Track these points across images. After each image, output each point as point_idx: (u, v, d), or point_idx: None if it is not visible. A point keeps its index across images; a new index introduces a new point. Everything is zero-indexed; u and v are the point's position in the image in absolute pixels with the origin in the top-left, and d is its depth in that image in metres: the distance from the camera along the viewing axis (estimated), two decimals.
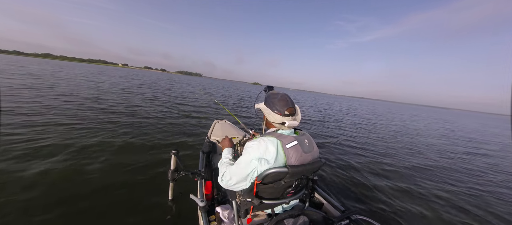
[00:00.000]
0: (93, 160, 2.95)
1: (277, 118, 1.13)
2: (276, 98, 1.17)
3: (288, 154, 1.02)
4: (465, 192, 3.54)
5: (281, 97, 1.17)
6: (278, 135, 1.08)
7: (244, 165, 1.04)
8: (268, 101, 1.20)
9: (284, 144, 1.03)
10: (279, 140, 1.04)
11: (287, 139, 1.06)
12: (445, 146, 7.73)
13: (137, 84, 16.43)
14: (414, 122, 16.55)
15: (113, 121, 4.95)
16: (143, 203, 2.20)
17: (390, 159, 5.03)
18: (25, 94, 6.75)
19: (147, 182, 2.60)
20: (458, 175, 4.41)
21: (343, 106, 26.06)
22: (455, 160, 5.71)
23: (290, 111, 1.13)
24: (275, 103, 1.15)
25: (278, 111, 1.13)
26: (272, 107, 1.16)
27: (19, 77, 11.32)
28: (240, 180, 1.06)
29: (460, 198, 3.29)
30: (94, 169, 2.73)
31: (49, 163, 2.71)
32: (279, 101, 1.15)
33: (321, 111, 15.69)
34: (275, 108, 1.14)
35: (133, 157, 3.18)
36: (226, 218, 1.32)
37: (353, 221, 1.26)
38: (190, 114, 7.37)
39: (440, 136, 10.31)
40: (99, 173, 2.66)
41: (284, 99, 1.16)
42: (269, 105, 1.18)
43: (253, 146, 1.06)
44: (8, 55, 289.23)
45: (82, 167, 2.72)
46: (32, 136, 3.46)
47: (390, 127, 11.28)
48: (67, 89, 9.00)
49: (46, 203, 2.03)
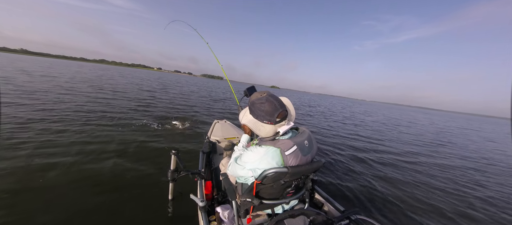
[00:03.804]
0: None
1: (269, 129, 1.02)
2: (261, 105, 1.01)
3: (287, 159, 0.98)
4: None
5: (267, 102, 1.01)
6: (276, 141, 1.00)
7: (239, 170, 1.09)
8: (254, 111, 1.05)
9: (283, 151, 0.97)
10: (277, 148, 0.97)
11: (286, 145, 0.98)
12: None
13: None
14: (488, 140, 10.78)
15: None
16: (143, 203, 2.20)
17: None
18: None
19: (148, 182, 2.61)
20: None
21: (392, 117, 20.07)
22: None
23: (282, 116, 1.00)
24: (263, 111, 1.00)
25: (268, 121, 1.00)
26: (260, 117, 1.02)
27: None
28: (238, 176, 1.14)
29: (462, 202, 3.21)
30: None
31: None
32: (266, 107, 0.99)
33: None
34: (264, 119, 1.00)
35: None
36: (226, 218, 1.32)
37: (353, 221, 1.26)
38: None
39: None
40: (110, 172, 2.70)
41: (270, 104, 0.99)
42: (256, 115, 1.04)
43: (248, 157, 1.03)
44: (75, 61, 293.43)
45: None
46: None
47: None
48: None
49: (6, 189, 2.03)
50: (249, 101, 1.12)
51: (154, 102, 8.74)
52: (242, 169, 1.06)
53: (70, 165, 2.73)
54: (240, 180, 1.17)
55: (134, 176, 2.69)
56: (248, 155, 1.03)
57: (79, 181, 2.42)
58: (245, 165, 1.04)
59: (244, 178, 1.13)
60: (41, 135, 3.57)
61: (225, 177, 1.43)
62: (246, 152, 1.06)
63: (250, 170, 1.03)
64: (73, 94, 7.75)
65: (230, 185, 1.32)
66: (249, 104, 1.12)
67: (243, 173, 1.07)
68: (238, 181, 1.20)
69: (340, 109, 21.64)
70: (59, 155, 2.95)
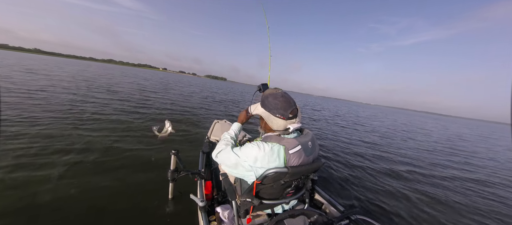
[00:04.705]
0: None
1: (281, 123, 1.02)
2: (277, 100, 1.03)
3: (290, 158, 0.98)
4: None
5: (283, 97, 1.04)
6: (281, 139, 1.00)
7: (235, 163, 1.04)
8: (267, 104, 1.05)
9: (287, 149, 0.97)
10: (282, 145, 0.97)
11: (291, 143, 0.98)
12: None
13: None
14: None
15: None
16: (143, 203, 2.20)
17: None
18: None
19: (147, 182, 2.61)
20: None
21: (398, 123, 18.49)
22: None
23: (294, 113, 1.02)
24: (277, 105, 1.01)
25: (281, 115, 1.00)
26: (273, 111, 1.02)
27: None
28: (228, 167, 1.10)
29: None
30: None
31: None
32: (281, 103, 1.01)
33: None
34: (278, 112, 1.01)
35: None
36: (226, 218, 1.32)
37: (353, 221, 1.26)
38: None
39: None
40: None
41: (286, 100, 1.02)
42: (269, 108, 1.04)
43: (252, 151, 0.98)
44: (85, 60, 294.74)
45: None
46: None
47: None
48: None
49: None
50: (263, 95, 1.14)
51: (154, 102, 8.74)
52: (242, 161, 1.01)
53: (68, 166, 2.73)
54: (232, 171, 1.10)
55: (134, 176, 2.69)
56: (252, 148, 0.99)
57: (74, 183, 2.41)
58: (246, 159, 1.00)
59: (236, 170, 1.07)
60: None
61: (225, 177, 1.43)
62: (250, 145, 1.02)
63: (249, 166, 0.99)
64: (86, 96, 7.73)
65: (230, 185, 1.32)
66: (262, 98, 1.12)
67: (234, 160, 1.04)
68: (229, 171, 1.14)
69: (354, 116, 19.38)
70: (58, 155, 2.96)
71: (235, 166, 1.05)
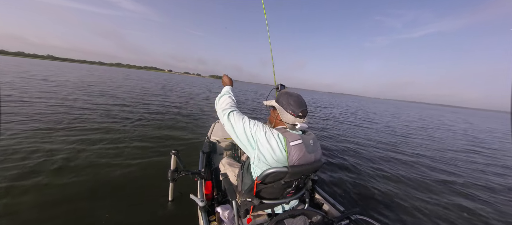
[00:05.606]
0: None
1: (290, 118, 1.11)
2: (291, 98, 1.14)
3: (291, 151, 1.01)
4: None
5: (296, 97, 1.15)
6: (284, 131, 1.09)
7: (241, 117, 1.11)
8: (282, 101, 1.16)
9: (289, 140, 1.02)
10: (284, 136, 1.04)
11: (292, 136, 1.05)
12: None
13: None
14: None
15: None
16: (143, 203, 2.20)
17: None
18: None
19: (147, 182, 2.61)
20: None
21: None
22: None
23: (303, 113, 1.11)
24: (290, 103, 1.12)
25: (292, 111, 1.10)
26: (286, 107, 1.12)
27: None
28: (234, 123, 1.11)
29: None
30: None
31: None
32: (294, 101, 1.12)
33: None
34: (289, 109, 1.11)
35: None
36: (226, 218, 1.32)
37: (353, 221, 1.26)
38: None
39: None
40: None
41: (299, 100, 1.13)
42: (282, 104, 1.14)
43: (259, 123, 1.10)
44: (94, 65, 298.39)
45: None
46: None
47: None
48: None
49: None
50: (280, 93, 1.26)
51: (154, 102, 8.75)
52: (247, 120, 1.10)
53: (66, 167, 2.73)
54: (235, 129, 1.10)
55: (133, 176, 2.69)
56: (259, 126, 1.08)
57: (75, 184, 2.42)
58: (251, 130, 1.06)
59: (237, 131, 1.08)
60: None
61: (225, 177, 1.42)
62: (258, 122, 1.11)
63: (251, 134, 1.06)
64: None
65: (230, 185, 1.32)
66: (279, 94, 1.25)
67: (240, 116, 1.12)
68: (230, 129, 1.12)
69: (375, 113, 17.31)
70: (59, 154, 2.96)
71: (240, 120, 1.10)
